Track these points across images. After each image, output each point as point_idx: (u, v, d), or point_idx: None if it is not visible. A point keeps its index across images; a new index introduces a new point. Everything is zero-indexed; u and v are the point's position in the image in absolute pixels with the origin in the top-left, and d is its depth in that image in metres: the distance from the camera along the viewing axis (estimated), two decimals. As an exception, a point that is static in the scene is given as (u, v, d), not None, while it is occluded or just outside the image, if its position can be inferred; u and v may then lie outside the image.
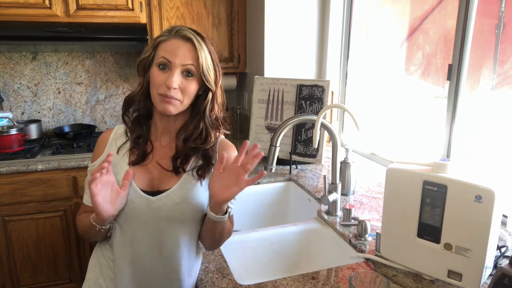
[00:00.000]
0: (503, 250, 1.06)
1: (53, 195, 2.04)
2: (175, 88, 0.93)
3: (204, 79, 0.96)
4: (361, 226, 1.21)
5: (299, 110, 1.97)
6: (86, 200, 1.03)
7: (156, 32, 2.29)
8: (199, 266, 1.10)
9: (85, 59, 2.54)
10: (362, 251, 1.15)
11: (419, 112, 1.78)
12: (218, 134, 1.05)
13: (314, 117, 1.34)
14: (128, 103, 1.03)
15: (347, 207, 1.32)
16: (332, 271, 1.08)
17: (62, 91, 2.54)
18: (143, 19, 2.26)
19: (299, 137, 1.98)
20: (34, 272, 2.11)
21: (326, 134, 2.05)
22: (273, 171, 1.33)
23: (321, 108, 1.92)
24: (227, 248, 1.22)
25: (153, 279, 1.01)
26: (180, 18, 2.33)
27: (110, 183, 0.93)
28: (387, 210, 1.03)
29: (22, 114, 2.49)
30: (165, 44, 0.95)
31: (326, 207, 1.43)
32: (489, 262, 0.91)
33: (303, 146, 1.97)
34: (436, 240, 0.94)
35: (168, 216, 0.98)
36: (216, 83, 1.00)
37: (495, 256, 1.00)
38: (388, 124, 1.98)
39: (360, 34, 2.16)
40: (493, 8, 1.38)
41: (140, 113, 1.03)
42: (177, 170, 1.00)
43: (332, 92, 2.21)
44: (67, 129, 2.50)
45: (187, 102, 0.97)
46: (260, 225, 1.77)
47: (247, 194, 1.78)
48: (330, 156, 1.41)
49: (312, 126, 1.89)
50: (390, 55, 1.94)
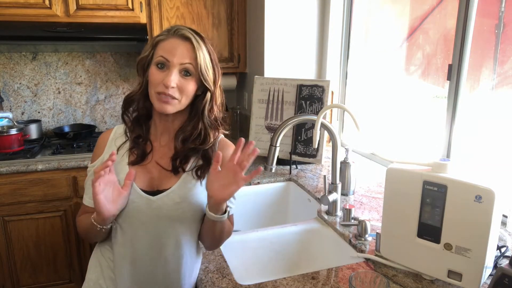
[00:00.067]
0: (503, 250, 1.06)
1: (53, 195, 2.04)
2: (173, 87, 0.93)
3: (203, 79, 0.96)
4: (361, 226, 1.21)
5: (299, 110, 1.97)
6: (86, 200, 1.03)
7: (156, 32, 2.28)
8: (199, 266, 1.10)
9: (85, 59, 2.54)
10: (362, 251, 1.15)
11: (419, 112, 1.78)
12: (217, 134, 1.05)
13: (314, 117, 1.34)
14: (127, 102, 1.03)
15: (347, 207, 1.32)
16: (332, 271, 1.08)
17: (62, 91, 2.54)
18: (143, 19, 2.26)
19: (299, 137, 1.98)
20: (34, 272, 2.11)
21: (326, 134, 2.05)
22: (273, 171, 1.33)
23: (321, 108, 1.92)
24: (227, 248, 1.22)
25: (153, 279, 1.01)
26: (180, 18, 2.33)
27: (112, 183, 0.93)
28: (387, 210, 1.03)
29: (22, 114, 2.49)
30: (163, 44, 0.95)
31: (326, 207, 1.43)
32: (489, 262, 0.91)
33: (303, 146, 1.97)
34: (436, 240, 0.94)
35: (169, 216, 0.98)
36: (215, 83, 1.00)
37: (495, 256, 1.00)
38: (388, 124, 1.98)
39: (360, 34, 2.16)
40: (493, 8, 1.38)
41: (139, 113, 1.03)
42: (176, 170, 0.99)
43: (332, 92, 2.21)
44: (67, 129, 2.50)
45: (185, 101, 0.97)
46: (260, 225, 1.77)
47: (247, 194, 1.78)
48: (330, 156, 1.41)
49: (312, 126, 1.89)
50: (390, 55, 1.94)
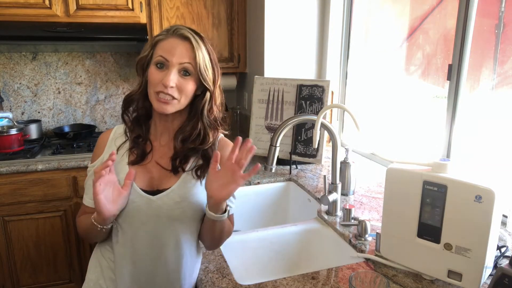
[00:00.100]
0: (503, 250, 1.06)
1: (53, 195, 2.04)
2: (172, 87, 0.93)
3: (202, 79, 0.96)
4: (361, 226, 1.21)
5: (299, 110, 1.97)
6: (86, 200, 1.03)
7: (156, 32, 2.28)
8: (199, 265, 1.10)
9: (85, 59, 2.54)
10: (362, 251, 1.15)
11: (419, 112, 1.78)
12: (216, 134, 1.05)
13: (314, 117, 1.34)
14: (127, 102, 1.03)
15: (347, 207, 1.32)
16: (332, 271, 1.08)
17: (62, 91, 2.54)
18: (143, 19, 2.27)
19: (299, 137, 1.98)
20: (34, 272, 2.11)
21: (326, 134, 2.05)
22: (273, 171, 1.33)
23: (321, 108, 1.92)
24: (227, 248, 1.22)
25: (153, 279, 1.01)
26: (180, 18, 2.33)
27: (112, 183, 0.93)
28: (387, 210, 1.03)
29: (22, 114, 2.49)
30: (162, 43, 0.95)
31: (326, 207, 1.43)
32: (489, 262, 0.91)
33: (303, 146, 1.97)
34: (436, 240, 0.94)
35: (169, 215, 0.98)
36: (214, 82, 0.99)
37: (495, 256, 1.00)
38: (388, 124, 1.98)
39: (360, 34, 2.16)
40: (493, 8, 1.38)
41: (139, 113, 1.03)
42: (176, 169, 0.99)
43: (332, 92, 2.21)
44: (67, 129, 2.50)
45: (184, 101, 0.97)
46: (260, 225, 1.77)
47: (247, 194, 1.78)
48: (330, 156, 1.41)
49: (312, 126, 1.89)
50: (390, 55, 1.94)
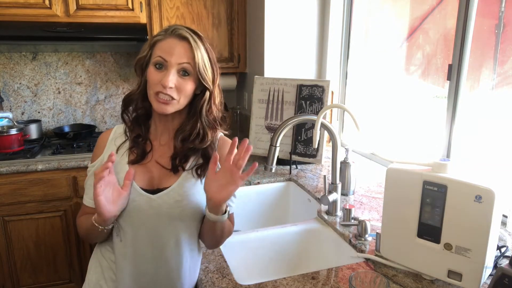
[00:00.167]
0: (503, 250, 1.06)
1: (53, 195, 2.04)
2: (171, 87, 0.92)
3: (201, 78, 0.96)
4: (361, 226, 1.21)
5: (299, 110, 1.97)
6: (86, 201, 1.03)
7: (156, 32, 2.25)
8: (199, 265, 1.10)
9: (85, 59, 2.54)
10: (362, 251, 1.15)
11: (419, 112, 1.78)
12: (215, 133, 1.05)
13: (314, 117, 1.34)
14: (127, 102, 1.03)
15: (347, 207, 1.32)
16: (332, 271, 1.08)
17: (62, 91, 2.53)
18: (143, 19, 2.27)
19: (299, 137, 1.98)
20: (34, 272, 2.11)
21: (326, 134, 2.05)
22: (273, 171, 1.33)
23: (321, 108, 1.92)
24: (227, 248, 1.22)
25: (154, 279, 1.01)
26: (180, 18, 2.33)
27: (112, 183, 0.93)
28: (387, 210, 1.03)
29: (22, 114, 2.49)
30: (161, 43, 0.95)
31: (326, 207, 1.43)
32: (489, 262, 0.91)
33: (303, 146, 1.97)
34: (436, 240, 0.94)
35: (169, 214, 0.98)
36: (213, 82, 0.99)
37: (495, 256, 1.00)
38: (388, 124, 1.98)
39: (360, 34, 2.16)
40: (493, 8, 1.38)
41: (138, 112, 1.03)
42: (176, 169, 1.00)
43: (332, 92, 2.21)
44: (67, 129, 2.50)
45: (184, 101, 0.97)
46: (260, 225, 1.77)
47: (248, 194, 1.78)
48: (330, 156, 1.41)
49: (312, 126, 1.89)
50: (390, 55, 1.94)
